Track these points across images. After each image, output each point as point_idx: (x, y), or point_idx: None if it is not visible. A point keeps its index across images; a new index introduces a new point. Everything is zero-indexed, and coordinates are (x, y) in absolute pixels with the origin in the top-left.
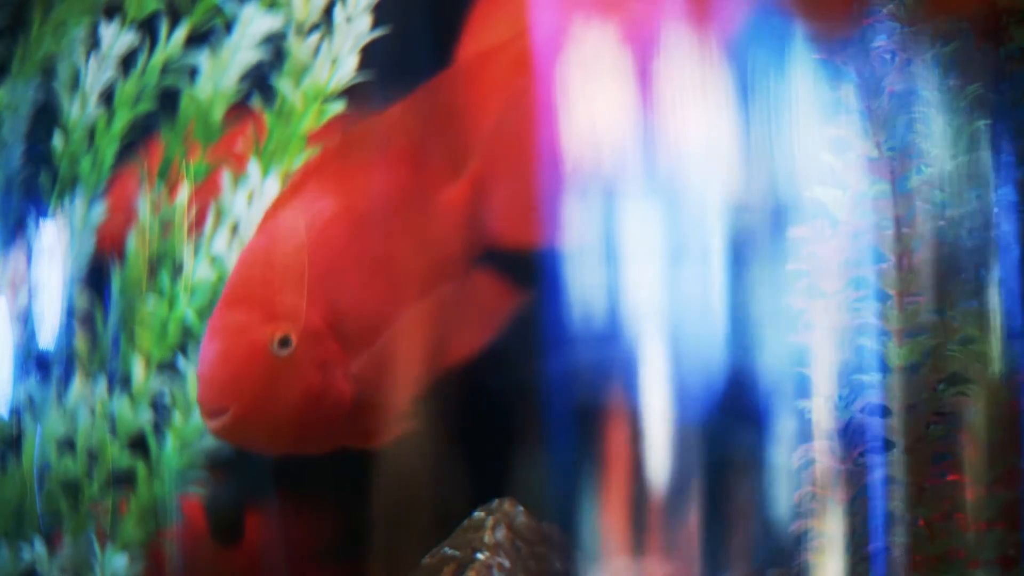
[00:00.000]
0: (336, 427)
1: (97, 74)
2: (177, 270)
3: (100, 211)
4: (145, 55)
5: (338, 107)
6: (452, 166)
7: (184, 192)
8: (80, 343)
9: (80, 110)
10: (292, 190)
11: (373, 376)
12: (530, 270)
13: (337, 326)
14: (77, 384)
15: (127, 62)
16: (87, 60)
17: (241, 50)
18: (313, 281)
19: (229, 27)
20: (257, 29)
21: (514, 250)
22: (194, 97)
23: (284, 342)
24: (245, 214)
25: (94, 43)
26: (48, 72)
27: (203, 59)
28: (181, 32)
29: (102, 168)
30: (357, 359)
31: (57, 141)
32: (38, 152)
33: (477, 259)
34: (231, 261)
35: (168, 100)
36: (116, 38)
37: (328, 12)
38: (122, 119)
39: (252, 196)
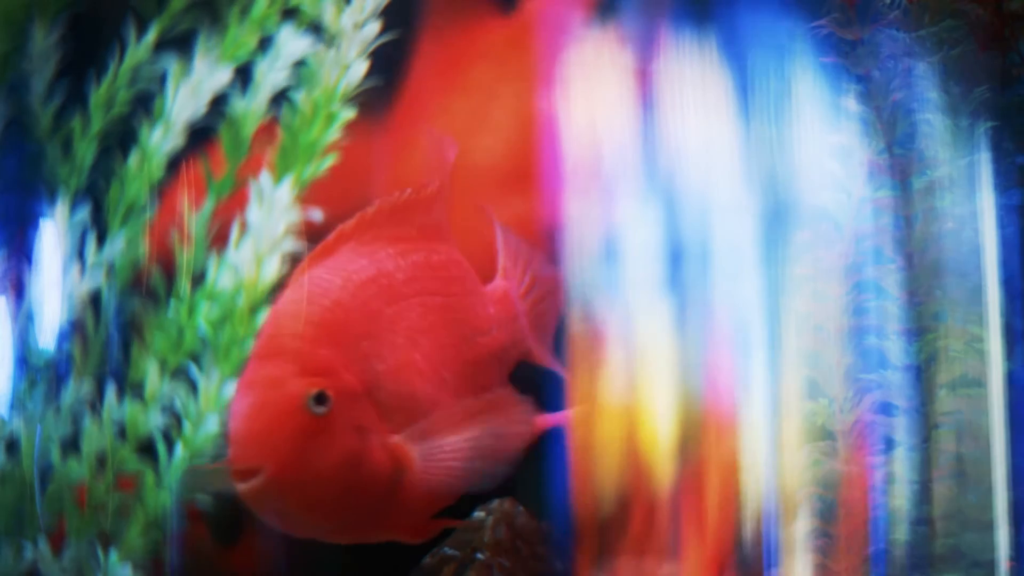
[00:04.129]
0: (372, 506)
1: (185, 105)
2: (196, 279)
3: (84, 214)
4: (116, 61)
5: (349, 113)
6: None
7: (209, 204)
8: (76, 346)
9: (162, 137)
10: (324, 250)
11: (412, 456)
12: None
13: (374, 391)
14: (71, 386)
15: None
16: (176, 91)
17: (274, 71)
18: (349, 341)
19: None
20: (292, 51)
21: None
22: (224, 114)
23: (320, 399)
24: (258, 222)
25: (183, 73)
26: (17, 86)
27: (233, 77)
28: (150, 37)
29: (82, 171)
30: (393, 430)
31: (133, 162)
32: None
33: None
34: (247, 271)
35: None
36: (209, 73)
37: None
38: (97, 123)
39: (264, 204)
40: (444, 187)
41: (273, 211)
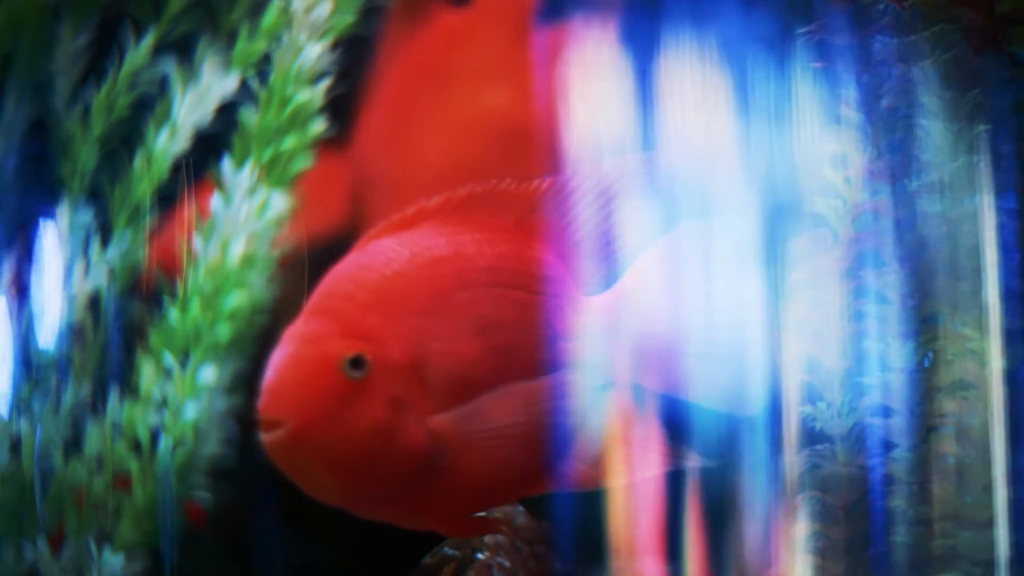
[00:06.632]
0: (402, 484)
1: (192, 110)
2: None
3: (87, 215)
4: (115, 66)
5: (305, 95)
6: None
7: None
8: (78, 347)
9: (168, 141)
10: (402, 223)
11: (455, 439)
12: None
13: (421, 368)
14: (74, 387)
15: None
16: (184, 95)
17: (291, 84)
18: (403, 314)
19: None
20: (309, 66)
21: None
22: (240, 124)
23: (357, 363)
24: (220, 206)
25: (191, 78)
26: (43, 87)
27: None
28: (148, 41)
29: (84, 173)
30: (437, 411)
31: (139, 164)
32: (37, 158)
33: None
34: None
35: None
36: (218, 80)
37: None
38: (98, 126)
39: (226, 189)
40: (563, 187)
41: (234, 195)
